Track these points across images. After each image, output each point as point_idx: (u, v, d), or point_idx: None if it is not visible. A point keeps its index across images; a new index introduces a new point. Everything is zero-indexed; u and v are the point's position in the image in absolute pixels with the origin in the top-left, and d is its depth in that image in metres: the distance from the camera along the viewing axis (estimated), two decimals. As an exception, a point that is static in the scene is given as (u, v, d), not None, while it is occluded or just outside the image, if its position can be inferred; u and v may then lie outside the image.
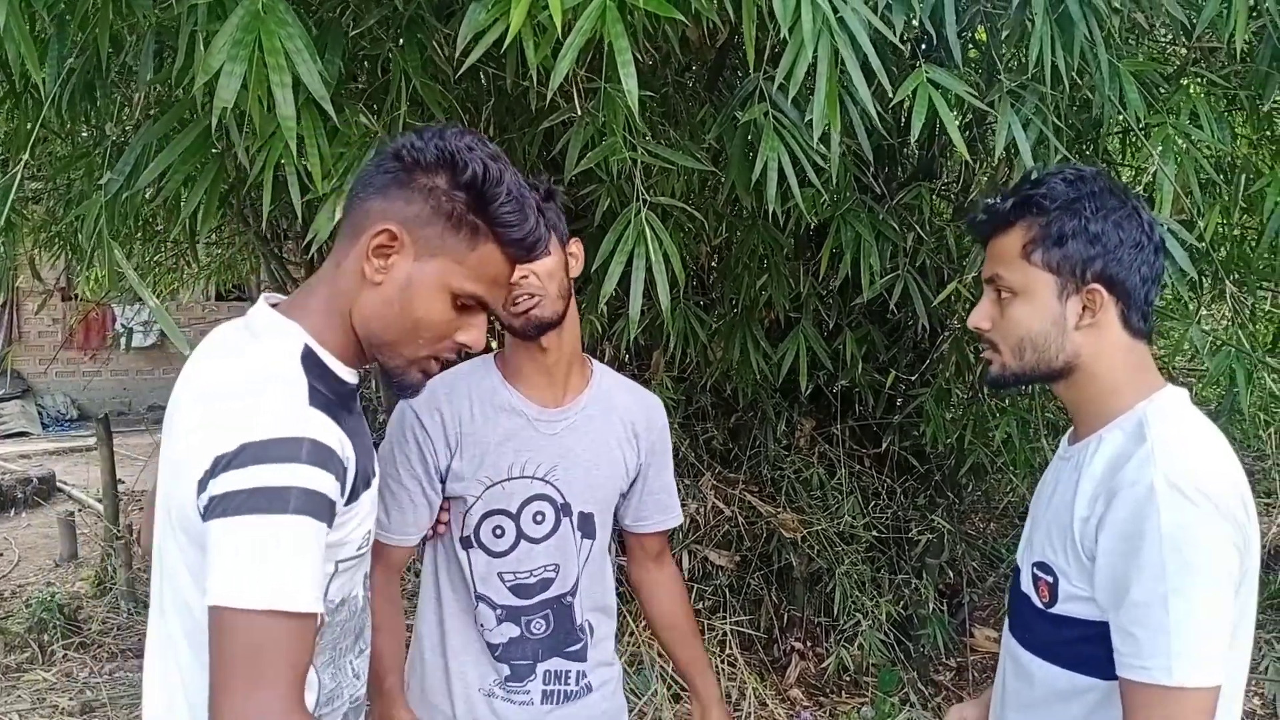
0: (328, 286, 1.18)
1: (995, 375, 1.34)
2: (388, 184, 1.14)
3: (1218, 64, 2.61)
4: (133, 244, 3.94)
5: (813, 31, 1.52)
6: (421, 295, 1.15)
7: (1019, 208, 1.28)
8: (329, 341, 1.17)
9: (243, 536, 1.01)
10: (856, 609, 3.67)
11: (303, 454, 1.03)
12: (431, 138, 1.14)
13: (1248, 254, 3.18)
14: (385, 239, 1.12)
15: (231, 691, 0.99)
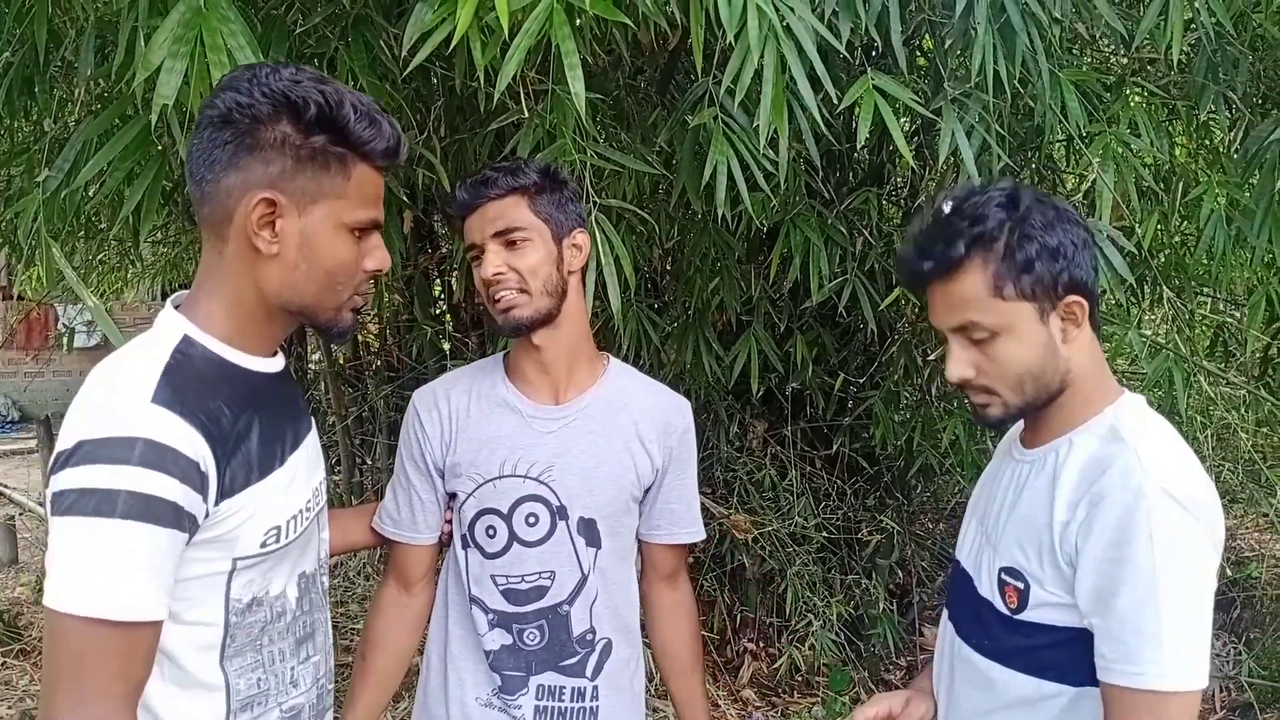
0: (214, 277, 1.14)
1: (999, 417, 1.28)
2: (233, 154, 1.08)
3: (1157, 74, 2.68)
4: (75, 242, 3.86)
5: (758, 37, 1.53)
6: (323, 245, 1.12)
7: (970, 248, 1.21)
8: (223, 331, 1.14)
9: (68, 538, 0.99)
10: (808, 609, 3.70)
11: (134, 455, 1.00)
12: (251, 88, 1.08)
13: (1185, 261, 3.26)
14: (264, 208, 1.08)
15: (57, 703, 0.97)
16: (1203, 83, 2.47)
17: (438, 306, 4.16)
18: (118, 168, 1.82)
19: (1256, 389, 3.31)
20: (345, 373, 4.47)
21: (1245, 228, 2.41)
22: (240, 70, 1.12)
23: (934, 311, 1.29)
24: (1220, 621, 4.22)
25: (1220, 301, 3.78)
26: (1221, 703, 3.78)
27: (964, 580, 1.39)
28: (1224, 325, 3.63)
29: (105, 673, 0.98)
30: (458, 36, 1.37)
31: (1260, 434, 3.84)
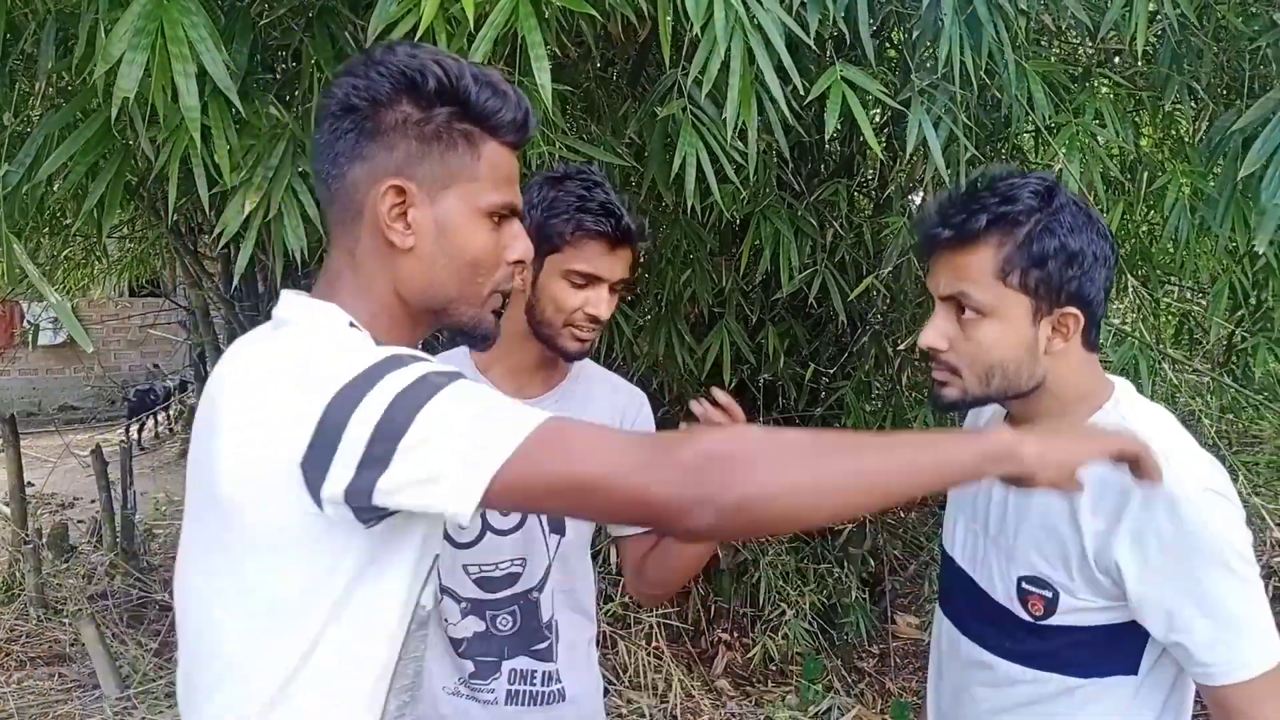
0: (350, 282, 1.02)
1: (953, 399, 1.24)
2: (355, 144, 0.99)
3: (1123, 65, 2.71)
4: (39, 238, 3.81)
5: (725, 29, 1.53)
6: (461, 233, 1.01)
7: (992, 225, 1.17)
8: (369, 330, 1.01)
9: (439, 421, 0.85)
10: (781, 599, 3.72)
11: (408, 357, 0.90)
12: (367, 69, 0.99)
13: (1150, 250, 3.30)
14: (394, 197, 0.98)
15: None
16: (1167, 73, 2.50)
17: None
18: (80, 162, 1.80)
19: (1220, 376, 3.36)
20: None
21: (1209, 216, 2.44)
22: (353, 59, 1.04)
23: (933, 275, 1.25)
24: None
25: (1185, 290, 3.83)
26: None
27: (965, 581, 1.36)
28: (1189, 313, 3.68)
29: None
30: (423, 28, 1.37)
31: (1225, 420, 3.89)
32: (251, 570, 0.92)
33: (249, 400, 0.91)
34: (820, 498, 0.87)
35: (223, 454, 0.91)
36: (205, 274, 4.21)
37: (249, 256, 1.82)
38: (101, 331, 10.11)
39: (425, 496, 0.85)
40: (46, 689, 3.80)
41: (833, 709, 3.62)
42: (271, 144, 1.78)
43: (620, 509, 0.89)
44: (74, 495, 6.40)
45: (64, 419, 9.14)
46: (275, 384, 0.90)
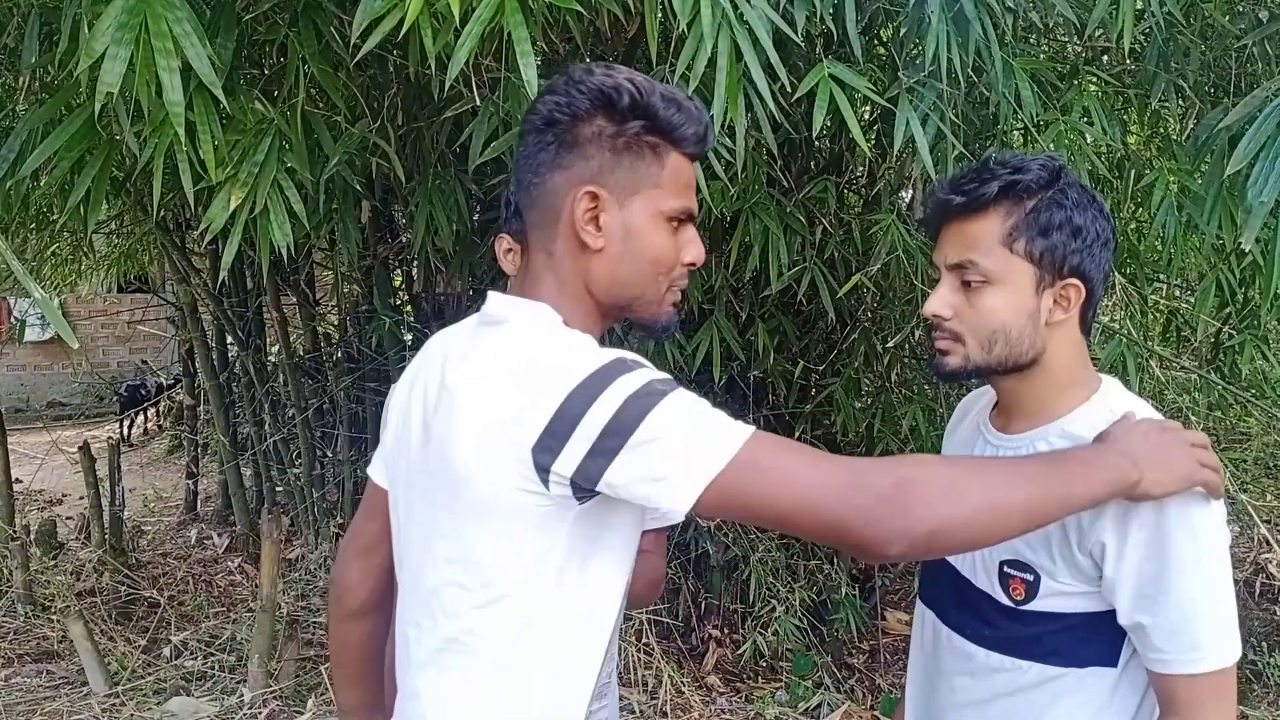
0: (550, 280, 1.14)
1: (955, 368, 1.26)
2: (556, 154, 1.11)
3: (1111, 64, 2.72)
4: (25, 233, 3.79)
5: (712, 25, 1.53)
6: (645, 236, 1.12)
7: (1003, 192, 1.21)
8: (575, 324, 1.13)
9: (668, 421, 0.96)
10: (771, 595, 3.72)
11: (631, 361, 1.01)
12: (568, 87, 1.10)
13: (1138, 248, 3.31)
14: (588, 202, 1.10)
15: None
16: (1154, 71, 2.51)
17: (398, 297, 4.12)
18: (64, 157, 1.79)
19: (1207, 373, 3.37)
20: (304, 364, 4.43)
21: (1196, 214, 2.45)
22: (555, 78, 1.15)
23: (940, 248, 1.28)
24: (1174, 601, 4.30)
25: (1173, 287, 3.84)
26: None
27: (947, 570, 1.37)
28: (1176, 311, 3.69)
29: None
30: (408, 23, 1.36)
31: (1212, 418, 3.91)
32: (477, 538, 1.05)
33: (490, 387, 1.03)
34: (992, 528, 1.01)
35: (463, 432, 1.03)
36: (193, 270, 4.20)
37: (235, 252, 1.81)
38: (90, 328, 10.06)
39: (647, 490, 0.97)
40: (34, 686, 3.79)
41: (822, 705, 3.62)
42: (257, 139, 1.78)
43: (817, 530, 0.99)
44: (62, 492, 6.38)
45: (52, 415, 9.10)
46: (516, 374, 1.02)
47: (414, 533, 1.15)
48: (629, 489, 0.98)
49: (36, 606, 4.37)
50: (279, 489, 5.02)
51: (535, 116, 1.12)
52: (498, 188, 2.32)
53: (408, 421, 1.18)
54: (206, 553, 5.19)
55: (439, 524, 1.09)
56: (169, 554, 5.15)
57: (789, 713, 3.60)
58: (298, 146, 1.84)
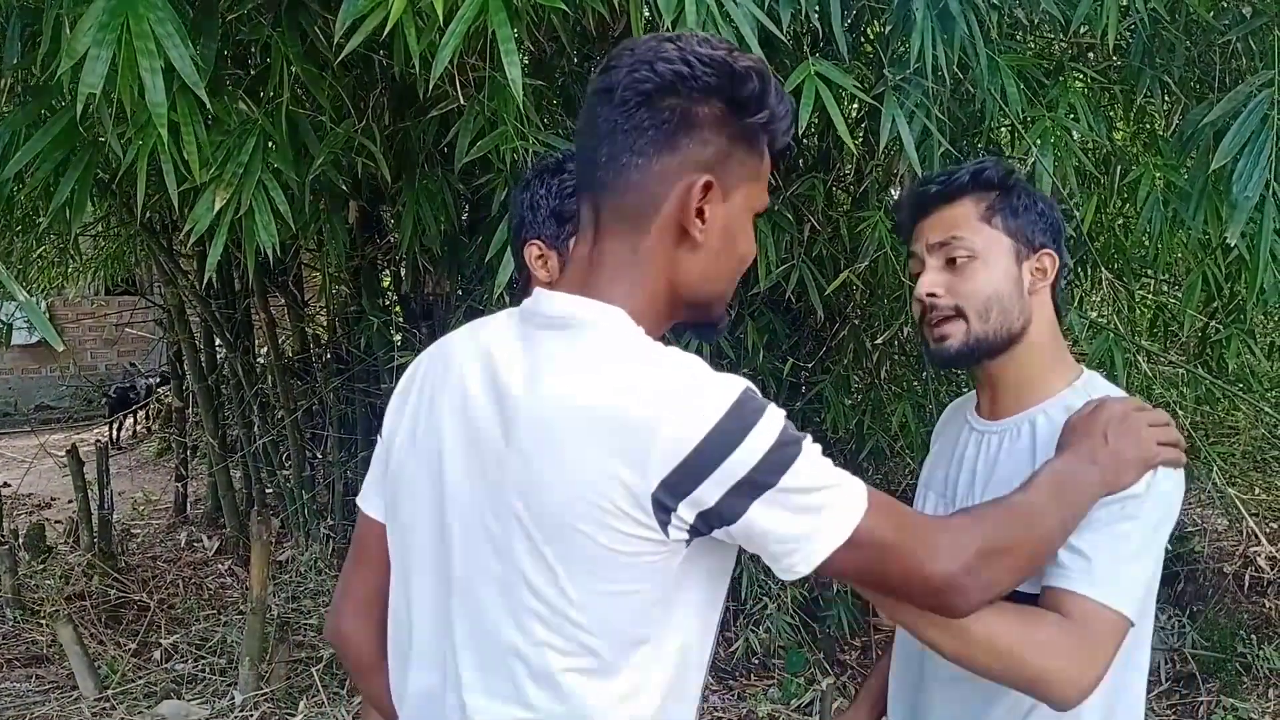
0: (629, 275, 0.98)
1: (958, 347, 1.30)
2: (670, 135, 0.95)
3: (1097, 60, 2.72)
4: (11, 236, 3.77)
5: (696, 23, 1.53)
6: (740, 232, 1.02)
7: (973, 179, 1.31)
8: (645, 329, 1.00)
9: (809, 474, 0.92)
10: (763, 593, 3.73)
11: (759, 394, 0.93)
12: (684, 57, 0.95)
13: (1124, 243, 3.32)
14: (704, 191, 0.97)
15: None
16: (1139, 67, 2.52)
17: (386, 298, 4.11)
18: (47, 159, 1.78)
19: (1195, 368, 3.39)
20: (293, 366, 4.42)
21: (1182, 209, 2.46)
22: (650, 40, 0.99)
23: (920, 236, 1.34)
24: (1164, 595, 4.32)
25: (1160, 283, 3.86)
26: (1166, 674, 3.87)
27: None
28: (1163, 306, 3.70)
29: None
30: (391, 22, 1.36)
31: (1200, 412, 3.93)
32: (586, 590, 0.92)
33: (604, 414, 0.90)
34: (1031, 571, 1.10)
35: (556, 470, 0.91)
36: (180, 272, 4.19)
37: (220, 253, 1.80)
38: (77, 330, 10.01)
39: (771, 548, 0.93)
40: (24, 690, 3.77)
41: (815, 701, 3.63)
42: (242, 140, 1.77)
43: (913, 599, 1.04)
44: (50, 495, 6.35)
45: (40, 419, 9.05)
46: (637, 399, 0.90)
47: (477, 582, 0.97)
48: (754, 542, 0.92)
49: (26, 611, 4.35)
50: (269, 491, 5.01)
51: (647, 84, 0.95)
52: (484, 187, 2.31)
53: (439, 444, 1.01)
54: (196, 555, 5.17)
55: (523, 573, 0.93)
56: (158, 557, 5.13)
57: (781, 709, 3.60)
58: (283, 147, 1.83)
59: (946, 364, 1.35)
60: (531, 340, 0.98)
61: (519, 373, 0.96)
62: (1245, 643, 3.81)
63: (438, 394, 1.03)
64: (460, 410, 0.99)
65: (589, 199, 1.01)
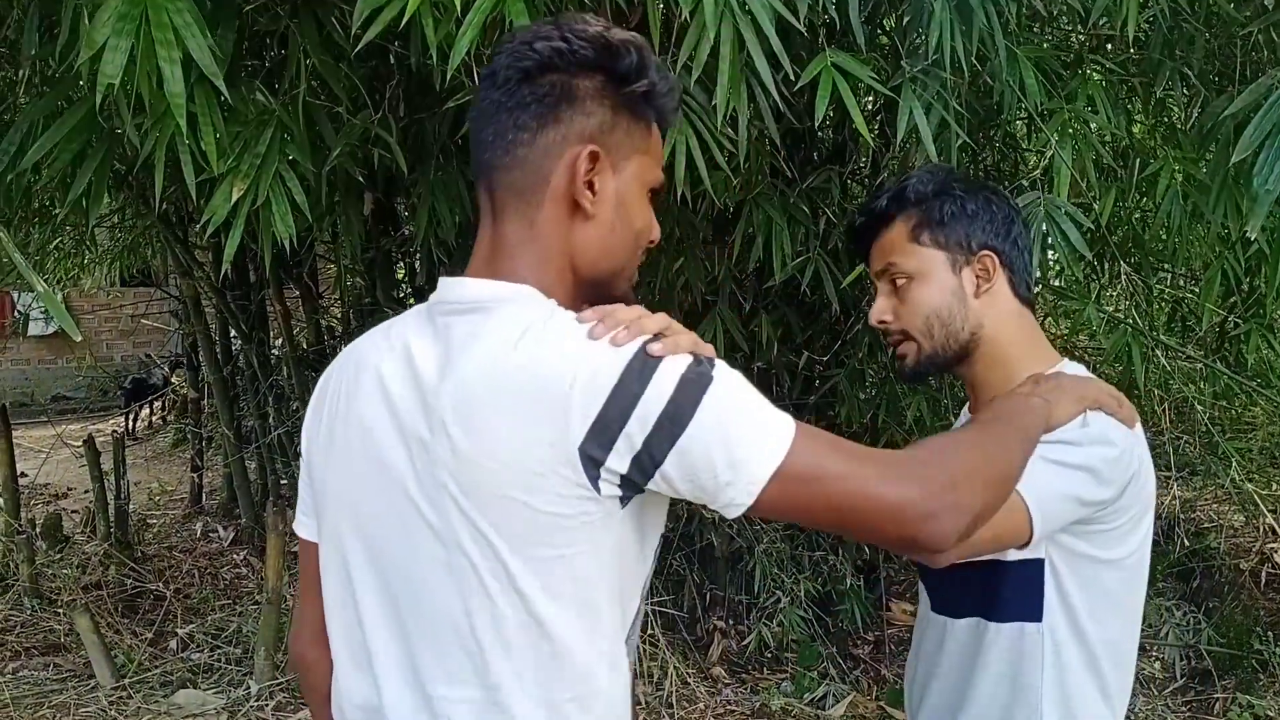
0: (531, 251, 1.00)
1: (912, 366, 1.36)
2: (552, 108, 0.97)
3: (1116, 52, 2.70)
4: (29, 227, 3.79)
5: (714, 14, 1.52)
6: (633, 205, 1.03)
7: (894, 202, 1.35)
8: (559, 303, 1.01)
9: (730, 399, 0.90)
10: (776, 586, 3.73)
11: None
12: (564, 34, 0.98)
13: (1143, 237, 3.30)
14: (589, 162, 0.98)
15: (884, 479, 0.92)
16: (1159, 59, 2.49)
17: (401, 290, 4.12)
18: (65, 149, 1.78)
19: (1213, 363, 3.36)
20: (308, 357, 4.43)
21: (1201, 203, 2.44)
22: (535, 24, 1.03)
23: (869, 264, 1.41)
24: (1180, 591, 4.30)
25: (1178, 277, 3.83)
26: (1182, 671, 3.86)
27: None
28: (1181, 300, 3.68)
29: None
30: (409, 13, 1.35)
31: (1218, 407, 3.90)
32: (529, 560, 0.93)
33: (518, 385, 0.90)
34: (999, 502, 1.04)
35: (496, 443, 0.91)
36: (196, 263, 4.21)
37: (237, 244, 1.81)
38: (93, 321, 10.08)
39: (704, 483, 0.90)
40: (41, 679, 3.80)
41: (828, 696, 3.63)
42: (259, 131, 1.77)
43: (872, 524, 0.94)
44: (67, 485, 6.39)
45: (56, 409, 9.11)
46: (545, 363, 0.90)
47: (424, 573, 0.97)
48: (688, 480, 0.90)
49: (43, 600, 4.39)
50: (284, 482, 5.03)
51: (526, 62, 0.98)
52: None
53: (368, 452, 1.00)
54: (212, 546, 5.20)
55: (466, 554, 0.94)
56: (174, 547, 5.16)
57: (794, 703, 3.60)
58: (299, 138, 1.83)
59: (910, 380, 1.43)
60: (443, 328, 0.99)
61: (434, 361, 0.97)
62: (1261, 639, 3.78)
63: (352, 400, 1.03)
64: (383, 408, 0.99)
65: (484, 183, 1.03)
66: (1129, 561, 1.27)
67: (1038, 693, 1.26)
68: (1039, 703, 1.27)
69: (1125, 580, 1.28)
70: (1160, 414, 3.61)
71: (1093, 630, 1.26)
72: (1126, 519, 1.24)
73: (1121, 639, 1.30)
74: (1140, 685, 3.73)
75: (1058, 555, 1.25)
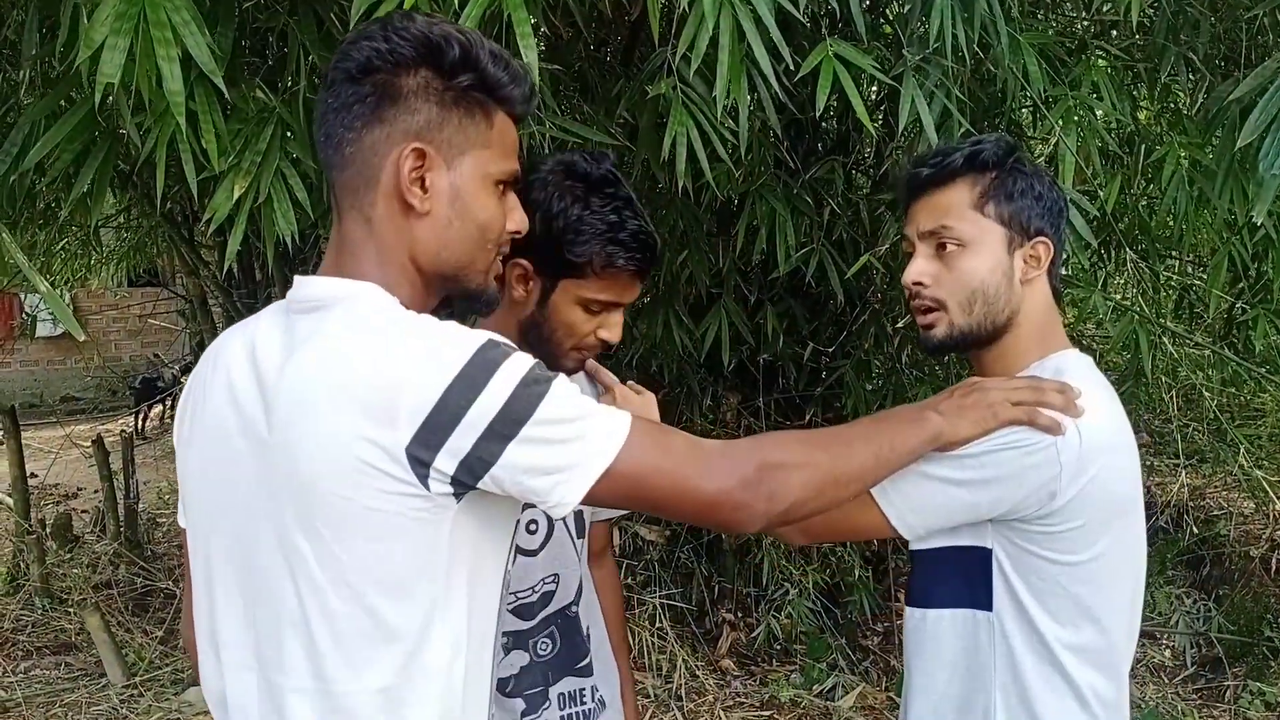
0: (369, 250, 1.02)
1: (942, 337, 1.31)
2: (375, 108, 0.99)
3: (1120, 38, 2.68)
4: (34, 229, 3.80)
5: (713, 4, 1.52)
6: (473, 199, 1.03)
7: (968, 162, 1.28)
8: (401, 300, 1.03)
9: (556, 410, 0.93)
10: (785, 579, 3.73)
11: (504, 343, 0.95)
12: (388, 34, 0.99)
13: (1149, 224, 3.28)
14: (415, 159, 0.99)
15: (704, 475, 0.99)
16: (1164, 44, 2.47)
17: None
18: (66, 149, 1.78)
19: (1221, 349, 3.34)
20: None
21: (1207, 188, 2.42)
22: (367, 25, 1.04)
23: (912, 219, 1.33)
24: (1190, 579, 4.29)
25: (1185, 263, 3.81)
26: (1192, 659, 3.85)
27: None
28: (1188, 287, 3.66)
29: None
30: (407, 6, 1.35)
31: (1226, 394, 3.88)
32: (359, 553, 0.95)
33: (342, 382, 0.93)
34: (835, 498, 1.09)
35: (315, 437, 0.93)
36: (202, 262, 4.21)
37: (239, 242, 1.81)
38: (100, 322, 10.11)
39: (538, 484, 0.94)
40: (53, 678, 3.83)
41: (837, 687, 3.63)
42: (259, 128, 1.77)
43: (688, 516, 1.06)
44: (77, 485, 6.43)
45: (65, 410, 9.16)
46: (375, 363, 0.92)
47: (265, 565, 0.99)
48: (518, 483, 0.93)
49: (54, 599, 4.42)
50: (291, 480, 5.03)
51: (348, 63, 1.00)
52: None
53: (219, 446, 1.03)
54: (221, 544, 5.21)
55: (297, 537, 0.96)
56: (184, 546, 5.17)
57: (803, 695, 3.61)
58: (300, 135, 1.83)
59: (932, 352, 1.38)
60: (289, 325, 1.01)
61: (274, 358, 0.99)
62: (1272, 626, 3.78)
63: (209, 393, 1.05)
64: (230, 403, 1.02)
65: (328, 183, 1.05)
66: (1093, 566, 1.21)
67: (991, 680, 1.25)
68: (992, 690, 1.25)
69: (1093, 586, 1.22)
70: (1168, 401, 3.60)
71: (1052, 630, 1.22)
72: (1076, 525, 1.19)
73: (1100, 646, 1.24)
74: (1150, 673, 3.73)
75: (1001, 548, 1.23)
